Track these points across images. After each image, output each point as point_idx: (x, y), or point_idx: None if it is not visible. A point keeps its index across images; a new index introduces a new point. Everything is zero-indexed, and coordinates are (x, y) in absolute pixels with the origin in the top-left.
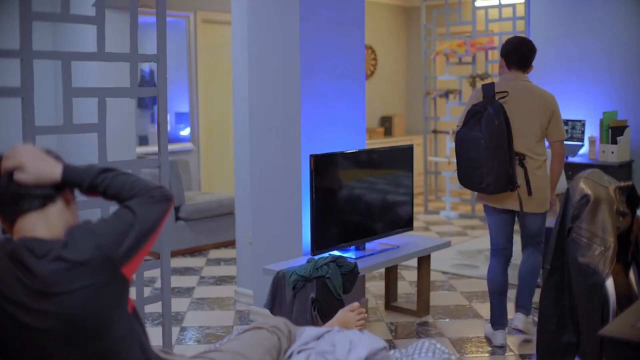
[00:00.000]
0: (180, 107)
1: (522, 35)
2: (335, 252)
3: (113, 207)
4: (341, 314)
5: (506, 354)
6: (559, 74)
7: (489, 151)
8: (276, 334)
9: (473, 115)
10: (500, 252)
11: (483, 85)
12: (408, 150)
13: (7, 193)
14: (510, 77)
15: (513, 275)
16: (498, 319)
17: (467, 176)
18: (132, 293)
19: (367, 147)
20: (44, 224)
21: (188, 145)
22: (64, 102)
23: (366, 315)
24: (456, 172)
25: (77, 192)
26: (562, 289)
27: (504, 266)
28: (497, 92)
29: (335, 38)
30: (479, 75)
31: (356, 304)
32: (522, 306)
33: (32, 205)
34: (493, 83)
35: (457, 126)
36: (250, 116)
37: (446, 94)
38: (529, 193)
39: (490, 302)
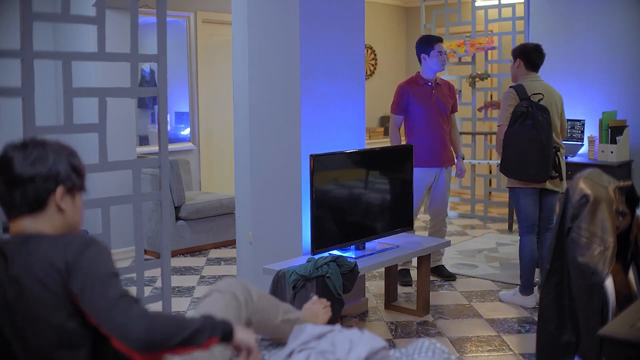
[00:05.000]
0: (180, 107)
1: (522, 35)
2: (335, 252)
3: (113, 207)
4: (309, 310)
5: (506, 353)
6: (559, 73)
7: (543, 147)
8: (235, 298)
9: (520, 116)
10: (533, 228)
11: (514, 87)
12: (408, 150)
13: (1, 197)
14: (533, 78)
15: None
16: (530, 285)
17: (519, 168)
18: (132, 292)
19: (367, 147)
20: (32, 227)
21: (188, 145)
22: (64, 102)
23: (329, 303)
24: (501, 165)
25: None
26: (562, 289)
27: (535, 240)
28: (532, 94)
29: (335, 38)
30: (478, 75)
31: (315, 297)
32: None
33: (20, 211)
34: (522, 85)
35: (500, 125)
36: (250, 116)
37: None
38: (561, 178)
39: (525, 273)
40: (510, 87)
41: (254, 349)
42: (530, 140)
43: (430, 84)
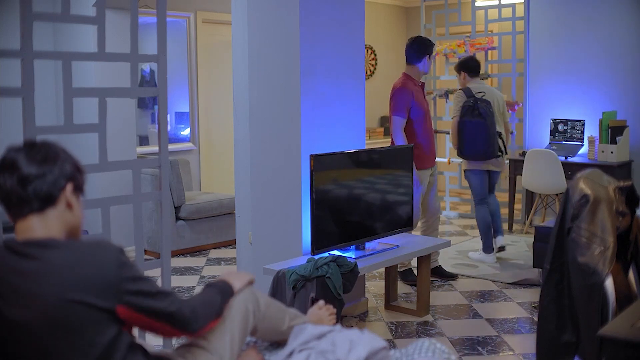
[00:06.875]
0: (180, 107)
1: (522, 35)
2: (335, 252)
3: (113, 207)
4: (314, 315)
5: (506, 353)
6: (559, 74)
7: (488, 130)
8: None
9: (468, 109)
10: (485, 200)
11: (462, 89)
12: (408, 150)
13: (10, 195)
14: (476, 82)
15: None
16: (491, 245)
17: (471, 148)
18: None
19: (367, 147)
20: (41, 226)
21: (188, 145)
22: (64, 102)
23: (334, 310)
24: (458, 149)
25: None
26: (562, 289)
27: (487, 208)
28: (476, 93)
29: (335, 38)
30: None
31: (321, 302)
32: (499, 231)
33: (32, 208)
34: (468, 87)
35: (453, 117)
36: (250, 116)
37: (446, 94)
38: (503, 156)
39: (484, 235)
40: (459, 89)
41: (252, 278)
42: (478, 125)
43: (420, 84)
